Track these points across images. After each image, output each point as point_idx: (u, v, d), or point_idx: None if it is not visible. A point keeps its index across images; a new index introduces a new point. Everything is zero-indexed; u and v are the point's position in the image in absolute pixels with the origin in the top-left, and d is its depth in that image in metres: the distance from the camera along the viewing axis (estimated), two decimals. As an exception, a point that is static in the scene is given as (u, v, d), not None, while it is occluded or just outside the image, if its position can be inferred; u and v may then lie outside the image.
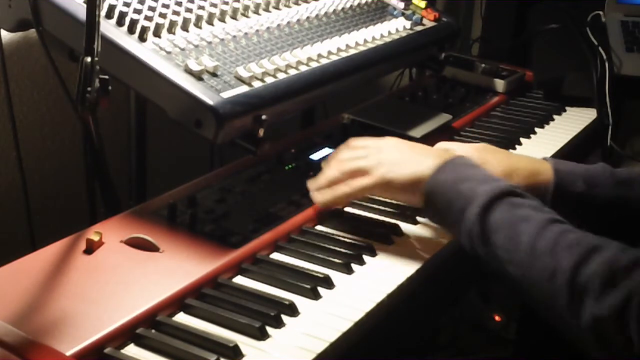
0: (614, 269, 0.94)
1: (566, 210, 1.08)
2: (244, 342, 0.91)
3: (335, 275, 1.06)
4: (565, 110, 1.78)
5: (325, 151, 1.38)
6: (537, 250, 0.99)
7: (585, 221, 1.06)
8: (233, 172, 1.29)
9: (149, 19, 1.23)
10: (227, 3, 1.37)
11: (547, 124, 1.70)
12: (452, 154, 1.16)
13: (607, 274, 0.94)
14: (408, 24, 1.63)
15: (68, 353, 0.84)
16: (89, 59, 1.08)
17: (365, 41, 1.48)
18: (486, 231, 1.03)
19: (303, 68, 1.32)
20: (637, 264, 0.94)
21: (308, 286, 1.02)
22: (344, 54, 1.41)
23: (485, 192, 1.05)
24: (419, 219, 1.22)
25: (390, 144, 1.20)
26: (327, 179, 1.19)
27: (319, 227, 1.19)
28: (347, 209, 1.24)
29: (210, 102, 1.13)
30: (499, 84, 1.81)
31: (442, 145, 1.30)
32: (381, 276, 1.07)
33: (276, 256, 1.12)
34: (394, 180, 1.14)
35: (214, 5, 1.35)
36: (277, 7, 1.46)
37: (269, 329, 0.94)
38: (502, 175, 1.16)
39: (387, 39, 1.54)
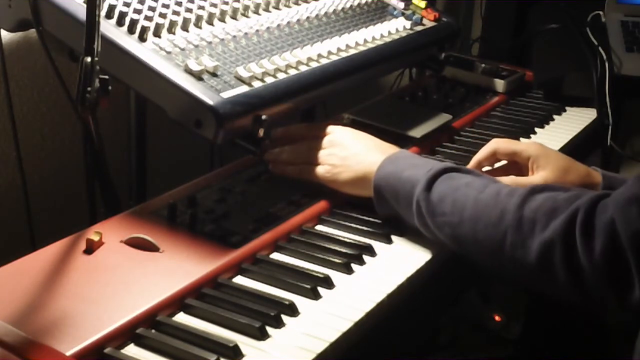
0: (556, 201, 1.01)
1: None
2: (244, 342, 0.91)
3: (335, 275, 1.06)
4: (565, 110, 1.78)
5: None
6: (482, 203, 1.06)
7: None
8: (233, 172, 1.29)
9: (149, 19, 1.23)
10: (227, 3, 1.37)
11: (547, 124, 1.70)
12: (395, 149, 1.24)
13: (551, 206, 1.01)
14: (408, 24, 1.63)
15: (68, 353, 0.84)
16: (89, 59, 1.08)
17: (365, 41, 1.48)
18: (433, 204, 1.10)
19: (303, 68, 1.32)
20: (577, 197, 1.01)
21: (308, 286, 1.02)
22: (344, 54, 1.41)
23: (425, 173, 1.12)
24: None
25: (340, 138, 1.26)
26: (283, 161, 1.28)
27: (319, 227, 1.20)
28: (348, 209, 1.24)
29: (210, 102, 1.13)
30: (499, 84, 1.81)
31: (496, 140, 1.32)
32: (381, 276, 1.08)
33: (276, 256, 1.12)
34: (340, 180, 1.22)
35: (214, 5, 1.35)
36: (277, 7, 1.46)
37: (269, 329, 0.94)
38: (561, 170, 1.24)
39: (387, 39, 1.54)
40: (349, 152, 1.23)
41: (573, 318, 1.83)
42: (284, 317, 0.96)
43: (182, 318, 0.96)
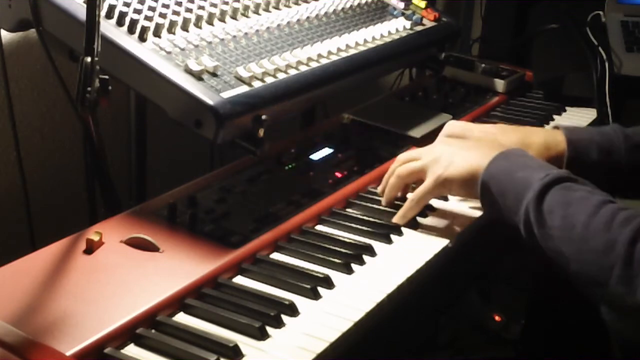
0: None
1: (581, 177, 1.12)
2: (244, 342, 0.91)
3: (335, 275, 1.06)
4: (565, 110, 1.78)
5: (325, 151, 1.38)
6: (593, 226, 1.03)
7: (600, 187, 1.09)
8: (233, 172, 1.29)
9: (149, 19, 1.23)
10: (227, 3, 1.37)
11: (547, 124, 1.69)
12: (504, 145, 1.20)
13: None
14: (408, 24, 1.63)
15: (68, 353, 0.84)
16: (89, 59, 1.08)
17: (365, 41, 1.48)
18: (543, 214, 1.07)
19: (303, 68, 1.32)
20: None
21: (308, 286, 1.02)
22: (344, 54, 1.41)
23: (540, 178, 1.09)
24: (419, 219, 1.22)
25: (437, 144, 1.25)
26: (390, 188, 1.25)
27: (319, 227, 1.19)
28: (348, 209, 1.24)
29: (210, 102, 1.13)
30: (499, 84, 1.81)
31: (453, 123, 1.33)
32: (381, 276, 1.07)
33: (276, 256, 1.12)
34: (451, 177, 1.18)
35: (214, 5, 1.35)
36: (277, 7, 1.46)
37: (269, 329, 0.94)
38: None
39: (387, 39, 1.54)
40: (454, 151, 1.20)
41: (573, 318, 1.83)
42: (284, 317, 0.96)
43: (182, 318, 0.96)
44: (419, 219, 1.22)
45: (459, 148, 1.21)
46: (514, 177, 1.12)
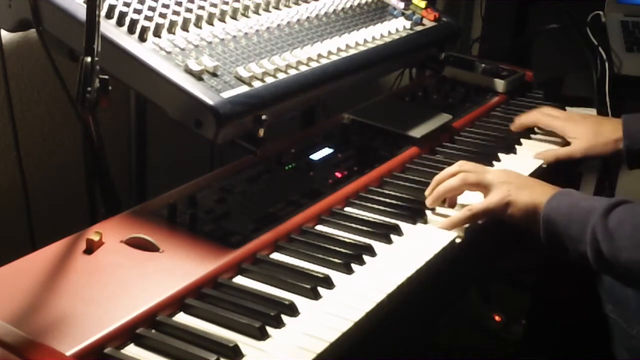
0: None
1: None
2: (244, 342, 0.91)
3: (335, 275, 1.06)
4: (565, 110, 1.78)
5: (325, 151, 1.38)
6: None
7: None
8: (233, 172, 1.29)
9: (149, 19, 1.23)
10: (227, 3, 1.37)
11: (547, 124, 1.70)
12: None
13: None
14: (408, 24, 1.63)
15: (68, 353, 0.84)
16: (89, 59, 1.08)
17: (365, 41, 1.48)
18: (610, 230, 1.10)
19: (303, 68, 1.32)
20: None
21: (308, 286, 1.02)
22: (344, 54, 1.41)
23: (602, 203, 1.13)
24: (418, 219, 1.22)
25: (503, 170, 1.30)
26: (448, 187, 1.25)
27: (319, 227, 1.20)
28: (348, 209, 1.24)
29: (210, 102, 1.13)
30: (499, 84, 1.81)
31: (541, 114, 1.48)
32: (381, 276, 1.08)
33: (276, 256, 1.12)
34: (515, 202, 1.21)
35: (214, 5, 1.35)
36: (277, 7, 1.46)
37: (269, 329, 0.94)
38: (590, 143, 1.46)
39: (387, 39, 1.54)
40: (519, 181, 1.24)
41: (573, 318, 1.83)
42: (284, 317, 0.96)
43: (182, 318, 0.96)
44: (419, 220, 1.22)
45: (522, 179, 1.25)
46: (577, 207, 1.15)
